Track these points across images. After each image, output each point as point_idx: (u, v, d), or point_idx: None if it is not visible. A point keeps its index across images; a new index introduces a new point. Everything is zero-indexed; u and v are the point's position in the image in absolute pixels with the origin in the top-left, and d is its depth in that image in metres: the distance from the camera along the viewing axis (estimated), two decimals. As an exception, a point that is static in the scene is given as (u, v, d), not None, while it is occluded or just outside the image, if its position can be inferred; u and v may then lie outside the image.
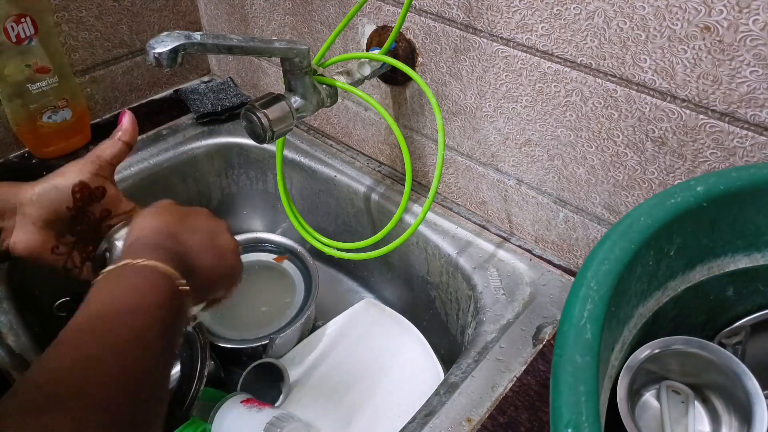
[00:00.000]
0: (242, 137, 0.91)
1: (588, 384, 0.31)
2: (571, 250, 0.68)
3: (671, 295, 0.46)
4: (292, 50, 0.56)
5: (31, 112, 0.79)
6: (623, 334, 0.43)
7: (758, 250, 0.46)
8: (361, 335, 0.79)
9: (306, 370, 0.77)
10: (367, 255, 0.69)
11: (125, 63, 0.92)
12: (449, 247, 0.72)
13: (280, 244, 0.87)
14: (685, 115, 0.51)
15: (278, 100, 0.59)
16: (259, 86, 0.97)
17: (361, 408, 0.72)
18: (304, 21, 0.80)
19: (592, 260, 0.37)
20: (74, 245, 0.50)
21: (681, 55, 0.48)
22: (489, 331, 0.62)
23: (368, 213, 0.83)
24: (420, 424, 0.53)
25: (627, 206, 0.60)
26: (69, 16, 0.82)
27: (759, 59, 0.45)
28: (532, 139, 0.63)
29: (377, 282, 0.90)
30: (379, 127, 0.81)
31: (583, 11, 0.52)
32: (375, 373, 0.75)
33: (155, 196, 0.86)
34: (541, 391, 0.55)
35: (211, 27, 0.98)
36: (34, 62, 0.76)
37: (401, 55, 0.68)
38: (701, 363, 0.47)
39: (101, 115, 0.93)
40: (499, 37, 0.60)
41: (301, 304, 0.80)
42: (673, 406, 0.49)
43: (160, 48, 0.46)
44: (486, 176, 0.71)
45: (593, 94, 0.56)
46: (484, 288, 0.67)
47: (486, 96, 0.65)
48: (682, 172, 0.54)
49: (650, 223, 0.39)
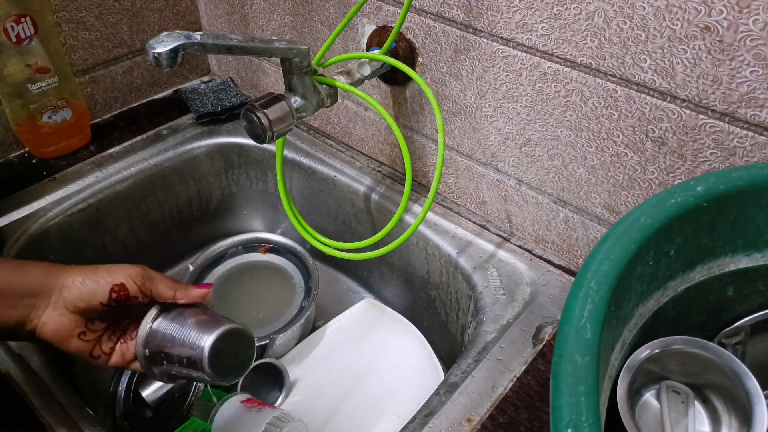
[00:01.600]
0: (242, 137, 0.91)
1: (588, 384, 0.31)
2: (571, 250, 0.68)
3: (671, 295, 0.46)
4: (292, 50, 0.56)
5: (31, 112, 0.79)
6: (623, 334, 0.43)
7: (758, 250, 0.46)
8: (361, 335, 0.79)
9: (306, 370, 0.77)
10: (367, 255, 0.69)
11: (125, 63, 0.92)
12: (449, 247, 0.72)
13: (280, 244, 0.87)
14: (685, 115, 0.51)
15: (278, 100, 0.59)
16: (259, 86, 0.97)
17: (361, 408, 0.72)
18: (304, 21, 0.80)
19: (592, 260, 0.37)
20: (103, 331, 0.50)
21: (681, 55, 0.48)
22: (489, 331, 0.62)
23: (368, 213, 0.83)
24: (420, 424, 0.53)
25: (627, 206, 0.60)
26: (69, 16, 0.82)
27: (759, 59, 0.45)
28: (532, 139, 0.63)
29: (377, 282, 0.90)
30: (379, 127, 0.81)
31: (583, 11, 0.52)
32: (375, 373, 0.75)
33: (155, 196, 0.87)
34: (541, 391, 0.55)
35: (211, 27, 0.98)
36: (34, 62, 0.76)
37: (401, 55, 0.68)
38: (701, 363, 0.47)
39: (101, 115, 0.93)
40: (499, 37, 0.60)
41: (301, 304, 0.80)
42: (673, 406, 0.49)
43: (160, 48, 0.46)
44: (486, 176, 0.71)
45: (593, 94, 0.56)
46: (484, 288, 0.67)
47: (486, 96, 0.65)
48: (682, 172, 0.54)
49: (650, 223, 0.39)
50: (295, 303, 0.80)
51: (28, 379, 0.57)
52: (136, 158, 0.85)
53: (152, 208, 0.88)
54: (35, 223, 0.75)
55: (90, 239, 0.81)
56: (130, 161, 0.85)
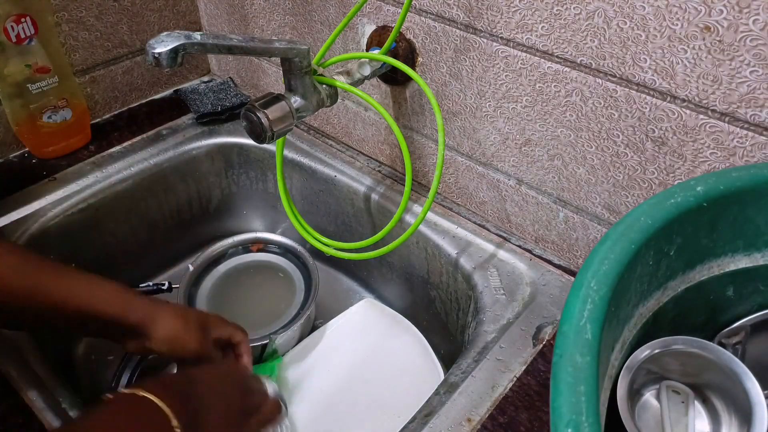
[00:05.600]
0: (242, 137, 0.91)
1: (588, 384, 0.31)
2: (571, 250, 0.68)
3: (671, 295, 0.46)
4: (292, 50, 0.56)
5: (31, 112, 0.79)
6: (623, 334, 0.44)
7: (758, 250, 0.46)
8: (361, 335, 0.79)
9: (306, 369, 0.77)
10: (367, 255, 0.69)
11: (125, 63, 0.92)
12: (449, 247, 0.72)
13: (280, 244, 0.87)
14: (685, 115, 0.51)
15: (278, 100, 0.59)
16: (259, 86, 0.97)
17: (361, 408, 0.72)
18: (304, 21, 0.80)
19: (592, 260, 0.37)
20: None
21: (681, 55, 0.48)
22: (489, 331, 0.62)
23: (368, 213, 0.83)
24: (420, 424, 0.53)
25: (627, 206, 0.60)
26: (69, 16, 0.82)
27: (759, 59, 0.45)
28: (532, 139, 0.63)
29: (377, 282, 0.90)
30: (379, 127, 0.81)
31: (583, 11, 0.52)
32: (375, 373, 0.75)
33: (155, 196, 0.87)
34: (541, 391, 0.55)
35: (211, 27, 0.98)
36: (34, 62, 0.76)
37: (401, 55, 0.68)
38: (701, 363, 0.47)
39: (101, 115, 0.93)
40: (499, 37, 0.60)
41: (301, 304, 0.80)
42: (673, 406, 0.49)
43: (160, 48, 0.46)
44: (486, 176, 0.71)
45: (593, 94, 0.56)
46: (484, 288, 0.67)
47: (486, 96, 0.65)
48: (682, 172, 0.54)
49: (650, 223, 0.39)
50: (295, 303, 0.80)
51: (28, 379, 0.57)
52: (136, 158, 0.85)
53: (152, 208, 0.88)
54: (35, 223, 0.75)
55: (90, 239, 0.81)
56: (130, 161, 0.85)
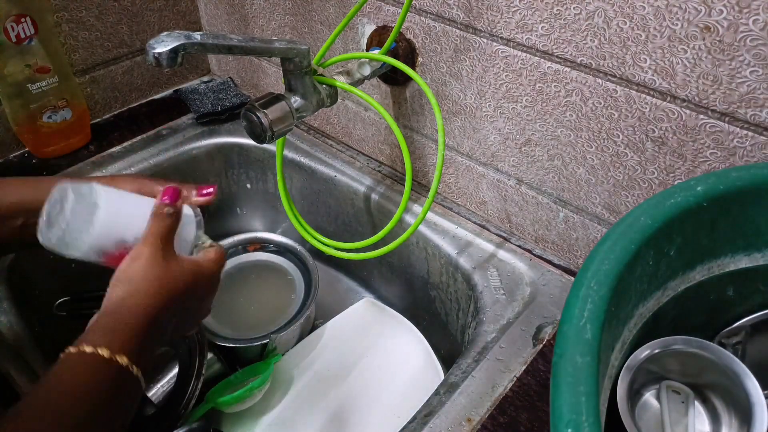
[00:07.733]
0: (242, 137, 0.91)
1: (588, 384, 0.31)
2: (571, 250, 0.68)
3: (671, 295, 0.46)
4: (292, 50, 0.56)
5: (31, 112, 0.79)
6: (623, 334, 0.43)
7: (758, 250, 0.46)
8: (361, 335, 0.79)
9: (305, 369, 0.77)
10: (367, 255, 0.69)
11: (125, 63, 0.92)
12: (449, 247, 0.72)
13: (280, 244, 0.87)
14: (685, 115, 0.51)
15: (278, 100, 0.59)
16: (259, 86, 0.97)
17: (361, 408, 0.72)
18: (304, 21, 0.80)
19: (592, 260, 0.37)
20: None
21: (681, 55, 0.48)
22: (489, 331, 0.62)
23: (368, 213, 0.83)
24: (420, 424, 0.53)
25: (627, 206, 0.60)
26: (69, 16, 0.82)
27: (759, 59, 0.45)
28: (532, 139, 0.63)
29: (377, 282, 0.90)
30: (379, 127, 0.81)
31: (583, 11, 0.52)
32: (375, 373, 0.75)
33: (155, 196, 0.87)
34: (541, 391, 0.55)
35: (211, 27, 0.98)
36: (34, 62, 0.76)
37: (401, 55, 0.68)
38: (701, 363, 0.47)
39: (101, 115, 0.93)
40: (499, 37, 0.59)
41: (301, 304, 0.80)
42: (673, 406, 0.49)
43: (160, 48, 0.46)
44: (486, 176, 0.71)
45: (593, 94, 0.56)
46: (484, 288, 0.67)
47: (486, 96, 0.65)
48: (682, 172, 0.54)
49: (650, 223, 0.39)
50: (294, 302, 0.80)
51: (28, 379, 0.57)
52: (136, 158, 0.85)
53: (152, 208, 0.88)
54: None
55: (90, 239, 0.81)
56: (130, 161, 0.85)
